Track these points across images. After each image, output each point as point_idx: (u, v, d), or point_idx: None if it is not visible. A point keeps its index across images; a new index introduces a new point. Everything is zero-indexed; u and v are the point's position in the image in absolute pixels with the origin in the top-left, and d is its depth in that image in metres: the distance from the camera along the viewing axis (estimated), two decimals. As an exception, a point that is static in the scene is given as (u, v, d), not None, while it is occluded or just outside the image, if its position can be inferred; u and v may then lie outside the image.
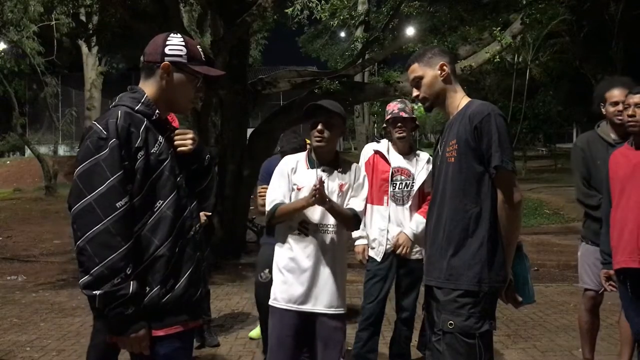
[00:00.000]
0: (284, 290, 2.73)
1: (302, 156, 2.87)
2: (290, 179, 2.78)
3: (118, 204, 1.74)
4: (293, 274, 2.72)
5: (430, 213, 2.38)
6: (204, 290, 2.01)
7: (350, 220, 2.77)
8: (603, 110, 3.47)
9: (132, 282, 1.75)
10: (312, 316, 2.72)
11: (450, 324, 2.16)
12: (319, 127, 2.73)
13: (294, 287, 2.71)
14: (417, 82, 2.40)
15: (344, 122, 2.86)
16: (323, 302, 2.71)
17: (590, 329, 3.63)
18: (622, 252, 2.91)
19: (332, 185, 2.75)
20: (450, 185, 2.24)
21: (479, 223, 2.18)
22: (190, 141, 1.97)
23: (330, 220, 2.73)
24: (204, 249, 2.06)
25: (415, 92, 2.43)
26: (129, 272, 1.74)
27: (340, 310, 2.76)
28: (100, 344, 3.11)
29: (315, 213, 2.73)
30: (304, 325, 2.73)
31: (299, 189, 2.75)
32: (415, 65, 2.40)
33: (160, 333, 1.84)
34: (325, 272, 2.72)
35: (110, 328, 1.80)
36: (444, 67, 2.34)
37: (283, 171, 2.82)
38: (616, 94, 3.38)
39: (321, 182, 2.58)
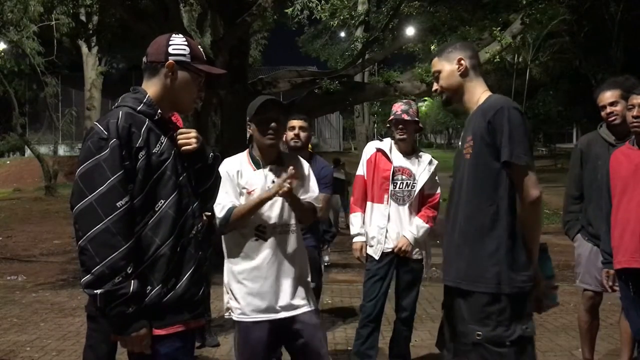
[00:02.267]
0: (250, 303, 2.55)
1: (243, 157, 2.72)
2: (237, 182, 2.62)
3: (118, 204, 1.75)
4: (257, 283, 2.56)
5: (448, 211, 2.31)
6: (206, 290, 2.01)
7: (309, 212, 2.68)
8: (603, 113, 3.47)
9: (132, 282, 1.75)
10: (287, 321, 2.58)
11: (478, 335, 2.07)
12: (273, 125, 2.59)
13: (261, 296, 2.55)
14: (436, 76, 2.38)
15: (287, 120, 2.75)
16: (294, 303, 2.59)
17: (589, 329, 3.63)
18: (624, 252, 2.91)
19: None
20: (467, 182, 2.19)
21: (496, 222, 2.11)
22: (194, 140, 1.97)
23: (288, 218, 2.62)
24: (207, 248, 2.06)
25: (435, 86, 2.41)
26: (129, 272, 1.75)
27: (312, 307, 2.66)
28: (96, 344, 3.11)
29: (271, 214, 2.59)
30: (276, 333, 2.60)
31: (249, 193, 2.59)
32: (435, 60, 2.39)
33: (161, 332, 1.84)
34: (290, 273, 2.60)
35: (111, 327, 1.81)
36: (462, 62, 2.30)
37: (228, 175, 2.61)
38: (606, 96, 3.36)
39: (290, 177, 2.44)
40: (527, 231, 2.14)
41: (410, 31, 12.74)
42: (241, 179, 2.62)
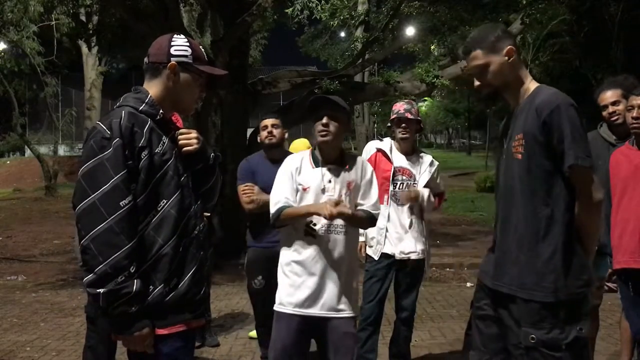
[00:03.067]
0: (291, 294, 2.61)
1: (306, 154, 2.75)
2: (295, 179, 2.66)
3: (122, 203, 1.75)
4: (300, 277, 2.60)
5: (497, 213, 2.16)
6: (207, 290, 2.02)
7: (364, 222, 2.69)
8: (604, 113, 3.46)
9: (135, 281, 1.76)
10: (321, 320, 2.61)
11: (532, 338, 1.96)
12: (324, 120, 2.58)
13: (302, 290, 2.59)
14: (480, 71, 2.10)
15: (349, 119, 2.74)
16: (332, 305, 2.59)
17: (589, 332, 3.63)
18: (624, 252, 2.92)
19: (340, 184, 2.64)
20: (519, 184, 2.03)
21: (550, 226, 1.97)
22: (195, 140, 1.97)
23: (340, 220, 2.60)
24: (208, 248, 2.07)
25: (476, 83, 2.14)
26: (132, 271, 1.75)
27: (350, 313, 2.65)
28: (96, 345, 3.12)
29: None
30: (311, 329, 2.63)
31: (304, 190, 2.63)
32: (477, 52, 2.08)
33: (164, 332, 1.84)
34: (334, 274, 2.60)
35: (113, 326, 1.81)
36: (512, 52, 2.05)
37: (287, 171, 2.68)
38: (607, 96, 3.34)
39: (340, 202, 2.48)
40: (587, 234, 2.03)
41: (410, 31, 12.74)
42: (299, 176, 2.66)
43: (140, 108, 1.89)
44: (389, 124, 3.75)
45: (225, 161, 8.28)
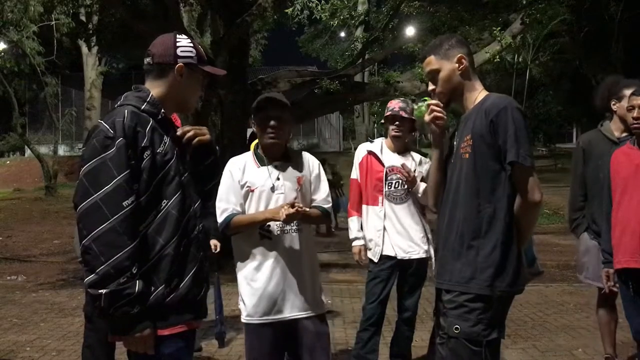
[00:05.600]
0: (256, 304, 2.53)
1: (248, 156, 2.68)
2: (240, 182, 2.59)
3: (125, 203, 1.74)
4: (262, 284, 2.53)
5: (442, 212, 2.23)
6: (207, 290, 2.02)
7: (320, 218, 2.64)
8: (614, 106, 3.41)
9: (137, 282, 1.75)
10: (293, 323, 2.54)
11: (456, 329, 2.03)
12: (272, 123, 2.53)
13: (266, 297, 2.52)
14: (432, 75, 2.21)
15: (292, 115, 2.70)
16: (301, 305, 2.54)
17: (608, 324, 3.58)
18: (624, 252, 2.92)
19: (289, 180, 2.58)
20: (465, 183, 2.10)
21: (492, 224, 2.05)
22: (206, 130, 1.99)
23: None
24: (207, 248, 2.07)
25: (431, 86, 2.25)
26: (134, 272, 1.74)
27: (319, 311, 2.61)
28: (94, 344, 3.11)
29: None
30: (284, 335, 2.56)
31: (252, 191, 2.56)
32: (431, 58, 2.21)
33: (165, 332, 1.84)
34: (296, 274, 2.54)
35: (114, 327, 1.80)
36: (463, 60, 2.16)
37: (230, 176, 2.60)
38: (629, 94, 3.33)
39: (294, 204, 2.41)
40: (522, 232, 2.09)
41: (410, 31, 12.75)
42: (244, 177, 2.60)
43: (142, 107, 1.88)
44: (382, 121, 3.73)
45: (225, 161, 8.29)
